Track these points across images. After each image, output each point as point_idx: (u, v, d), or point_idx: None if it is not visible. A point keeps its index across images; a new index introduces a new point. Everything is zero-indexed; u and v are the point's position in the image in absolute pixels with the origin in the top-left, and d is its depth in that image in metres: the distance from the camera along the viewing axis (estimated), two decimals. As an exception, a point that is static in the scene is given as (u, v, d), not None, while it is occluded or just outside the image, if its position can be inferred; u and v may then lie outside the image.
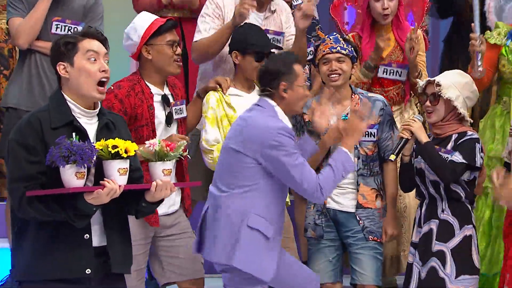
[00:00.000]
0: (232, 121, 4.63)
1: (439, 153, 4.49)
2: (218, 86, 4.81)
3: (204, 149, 4.75)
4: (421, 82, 4.63)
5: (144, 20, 4.63)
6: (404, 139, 4.54)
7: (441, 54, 6.21)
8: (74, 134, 3.57)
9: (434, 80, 4.53)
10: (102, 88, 3.63)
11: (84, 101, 3.63)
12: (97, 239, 3.65)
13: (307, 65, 5.31)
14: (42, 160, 3.50)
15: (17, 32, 5.04)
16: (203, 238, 4.21)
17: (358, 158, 4.73)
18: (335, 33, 4.92)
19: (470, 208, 4.59)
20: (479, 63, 4.90)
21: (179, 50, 4.62)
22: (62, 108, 3.60)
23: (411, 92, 5.30)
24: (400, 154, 4.58)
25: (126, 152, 3.53)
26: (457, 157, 4.46)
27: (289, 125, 4.19)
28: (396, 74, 5.20)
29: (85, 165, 3.47)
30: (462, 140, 4.52)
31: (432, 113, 4.54)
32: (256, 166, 4.08)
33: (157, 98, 4.60)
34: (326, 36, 4.88)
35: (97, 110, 3.67)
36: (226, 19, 5.06)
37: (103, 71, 3.63)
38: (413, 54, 5.07)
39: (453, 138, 4.55)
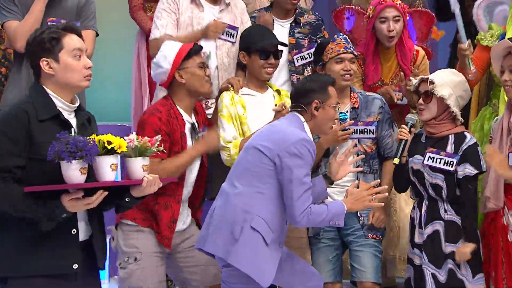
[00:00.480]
0: (244, 121, 4.79)
1: (436, 165, 4.48)
2: (230, 86, 4.88)
3: (221, 146, 4.78)
4: (414, 80, 4.64)
5: (172, 47, 4.68)
6: (403, 141, 4.56)
7: (449, 58, 6.21)
8: (63, 127, 3.62)
9: (428, 78, 4.55)
10: (88, 77, 3.70)
11: (68, 93, 3.67)
12: (82, 234, 3.70)
13: (309, 67, 5.35)
14: (22, 154, 3.54)
15: (15, 35, 5.03)
16: (208, 233, 4.22)
17: (358, 155, 4.73)
18: (342, 34, 4.98)
19: None
20: (471, 66, 4.95)
21: (208, 71, 4.70)
22: (46, 101, 3.63)
23: None
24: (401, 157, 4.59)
25: (119, 148, 3.58)
26: (470, 170, 4.47)
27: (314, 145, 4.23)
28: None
29: (91, 161, 3.52)
30: (464, 146, 4.50)
31: (424, 110, 4.55)
32: (272, 169, 4.11)
33: (187, 126, 4.66)
34: (336, 35, 4.92)
35: (77, 105, 3.71)
36: (182, 13, 5.12)
37: (88, 67, 3.69)
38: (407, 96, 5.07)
39: (451, 140, 4.54)
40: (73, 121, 3.70)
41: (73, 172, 3.50)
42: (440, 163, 4.48)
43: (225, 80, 5.01)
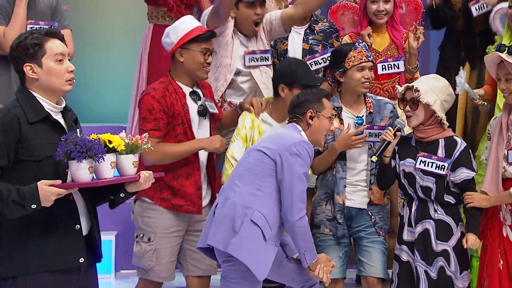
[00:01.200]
0: None
1: (427, 169, 4.57)
2: (251, 108, 4.96)
3: (227, 159, 4.91)
4: (400, 88, 4.72)
5: (185, 24, 4.78)
6: (386, 142, 4.66)
7: (437, 63, 6.30)
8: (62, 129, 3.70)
9: (413, 86, 4.63)
10: (70, 81, 3.74)
11: (53, 97, 3.72)
12: (84, 229, 3.78)
13: (320, 72, 5.49)
14: (4, 157, 3.58)
15: (6, 39, 5.04)
16: (209, 230, 4.30)
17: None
18: (361, 41, 5.10)
19: (458, 207, 4.71)
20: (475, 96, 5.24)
21: (210, 59, 4.78)
22: (34, 104, 3.67)
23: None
24: (381, 156, 4.68)
25: (118, 146, 3.68)
26: (467, 173, 4.57)
27: None
28: (394, 68, 5.38)
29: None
30: (457, 152, 4.60)
31: (412, 117, 4.63)
32: (272, 168, 4.26)
33: (187, 95, 4.77)
34: (356, 42, 5.03)
35: (63, 106, 3.76)
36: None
37: (70, 71, 3.73)
38: (418, 43, 5.32)
39: (441, 144, 4.63)
40: (60, 121, 3.75)
41: (83, 171, 3.57)
42: (432, 167, 4.57)
43: (248, 98, 5.11)
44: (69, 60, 3.77)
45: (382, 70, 5.38)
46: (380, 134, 4.85)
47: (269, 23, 5.34)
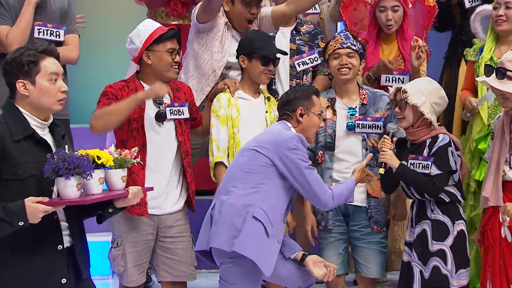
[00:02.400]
0: (236, 123, 4.92)
1: (416, 170, 4.59)
2: (226, 88, 4.99)
3: (211, 144, 4.91)
4: (391, 89, 4.75)
5: (148, 27, 4.79)
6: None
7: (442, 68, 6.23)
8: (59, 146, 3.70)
9: (401, 87, 4.66)
10: (61, 101, 3.74)
11: (41, 114, 3.71)
12: (66, 248, 3.76)
13: (309, 72, 5.55)
14: None
15: (9, 40, 5.04)
16: (210, 233, 4.29)
17: (366, 150, 4.94)
18: (344, 30, 5.08)
19: (458, 205, 4.70)
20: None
21: (177, 58, 4.78)
22: (19, 121, 3.65)
23: None
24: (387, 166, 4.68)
25: (107, 162, 3.72)
26: (433, 170, 4.59)
27: None
28: (398, 81, 5.31)
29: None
30: (435, 147, 4.64)
31: (402, 118, 4.66)
32: (268, 166, 4.28)
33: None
34: (337, 32, 5.04)
35: (50, 122, 3.76)
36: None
37: (62, 91, 3.73)
38: (419, 62, 5.21)
39: (427, 143, 4.66)
40: (47, 137, 3.74)
41: (71, 188, 3.57)
42: (419, 167, 4.61)
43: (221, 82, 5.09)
44: (62, 79, 3.77)
45: (386, 82, 5.32)
46: (373, 125, 4.91)
47: (260, 19, 5.36)
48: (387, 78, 5.31)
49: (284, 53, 5.15)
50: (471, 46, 5.47)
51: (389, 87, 4.85)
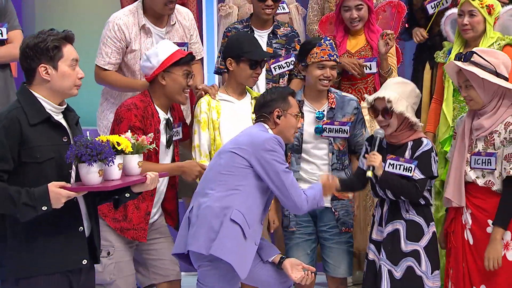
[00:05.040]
0: (216, 126, 4.92)
1: (395, 172, 4.57)
2: (203, 94, 4.98)
3: (194, 150, 4.94)
4: (369, 98, 4.68)
5: (167, 48, 4.79)
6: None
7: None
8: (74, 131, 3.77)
9: (384, 96, 4.60)
10: (78, 86, 3.81)
11: (58, 99, 3.77)
12: (86, 231, 3.83)
13: (285, 76, 5.58)
14: (9, 160, 3.61)
15: None
16: (187, 235, 4.29)
17: (332, 153, 4.96)
18: (329, 38, 5.09)
19: (430, 208, 4.74)
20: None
21: (191, 82, 4.81)
22: (35, 105, 3.70)
23: None
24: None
25: (126, 148, 3.77)
26: (417, 174, 4.57)
27: None
28: (366, 69, 5.44)
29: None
30: (419, 152, 4.62)
31: (387, 126, 4.63)
32: (246, 168, 4.27)
33: (162, 122, 4.78)
34: (323, 39, 5.01)
35: (64, 106, 3.81)
36: (131, 41, 5.23)
37: (80, 77, 3.81)
38: (386, 49, 5.34)
39: (409, 146, 4.64)
40: (61, 121, 3.78)
41: (93, 174, 3.62)
42: (400, 169, 4.59)
43: (200, 88, 5.06)
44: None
45: (354, 70, 5.44)
46: (340, 130, 4.94)
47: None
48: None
49: (273, 56, 5.19)
50: (436, 50, 5.54)
51: (366, 95, 4.82)
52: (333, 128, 4.98)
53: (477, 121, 4.57)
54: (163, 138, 4.79)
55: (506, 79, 4.54)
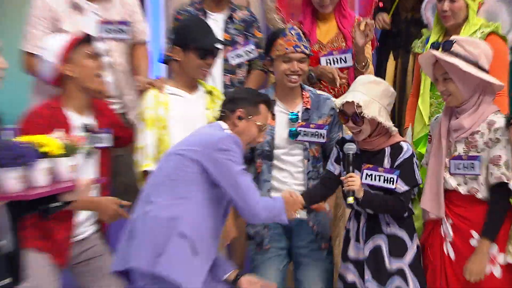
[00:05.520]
0: (163, 124, 4.54)
1: (375, 184, 4.24)
2: (149, 86, 4.60)
3: (137, 151, 4.58)
4: (337, 102, 4.33)
5: (56, 39, 4.48)
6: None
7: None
8: None
9: (353, 101, 4.25)
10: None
11: None
12: (7, 246, 3.50)
13: (244, 66, 5.23)
14: None
15: None
16: (129, 250, 3.97)
17: (308, 160, 4.60)
18: (295, 28, 4.73)
19: (411, 217, 4.42)
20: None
21: (98, 63, 4.46)
22: None
23: None
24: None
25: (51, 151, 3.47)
26: (401, 186, 4.25)
27: None
28: (340, 61, 5.04)
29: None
30: (399, 160, 4.27)
31: (359, 133, 4.30)
32: (197, 173, 3.93)
33: (76, 128, 4.41)
34: (287, 29, 4.67)
35: None
36: (60, 20, 4.88)
37: (2, 68, 3.54)
38: (365, 41, 4.97)
39: (387, 153, 4.31)
40: None
41: (13, 181, 3.33)
42: (379, 180, 4.27)
43: (141, 82, 4.71)
44: None
45: (327, 65, 5.00)
46: (316, 134, 4.57)
47: None
48: (328, 60, 5.01)
49: (226, 44, 4.82)
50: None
51: (333, 99, 4.54)
52: (308, 132, 4.61)
53: (455, 121, 4.27)
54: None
55: (486, 72, 4.27)
